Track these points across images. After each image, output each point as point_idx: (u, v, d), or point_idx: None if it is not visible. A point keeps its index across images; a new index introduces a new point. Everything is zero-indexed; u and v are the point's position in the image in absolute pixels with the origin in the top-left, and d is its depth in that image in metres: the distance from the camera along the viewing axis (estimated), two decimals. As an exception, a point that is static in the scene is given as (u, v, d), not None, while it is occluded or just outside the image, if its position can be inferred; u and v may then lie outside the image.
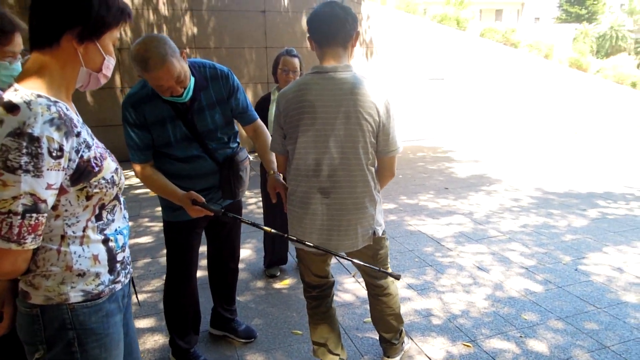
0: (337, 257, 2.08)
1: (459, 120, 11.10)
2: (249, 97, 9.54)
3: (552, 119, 11.94)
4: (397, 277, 2.04)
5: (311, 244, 1.99)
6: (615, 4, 45.93)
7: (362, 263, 2.10)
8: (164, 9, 8.24)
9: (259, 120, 2.49)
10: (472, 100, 11.10)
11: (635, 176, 7.03)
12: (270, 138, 2.40)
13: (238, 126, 2.46)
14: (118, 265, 1.30)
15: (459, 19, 10.96)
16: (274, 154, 2.28)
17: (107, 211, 1.27)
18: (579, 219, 5.00)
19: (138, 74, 2.02)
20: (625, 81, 12.76)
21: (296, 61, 3.36)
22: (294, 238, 2.02)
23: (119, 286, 1.31)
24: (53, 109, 1.08)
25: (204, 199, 2.06)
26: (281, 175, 2.30)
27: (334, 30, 1.93)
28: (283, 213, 2.25)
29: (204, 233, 2.56)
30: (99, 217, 1.25)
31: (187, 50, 8.41)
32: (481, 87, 11.10)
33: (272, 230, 2.03)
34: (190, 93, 2.13)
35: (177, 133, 2.19)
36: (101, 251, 1.25)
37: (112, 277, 1.28)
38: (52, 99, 1.11)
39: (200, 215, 2.10)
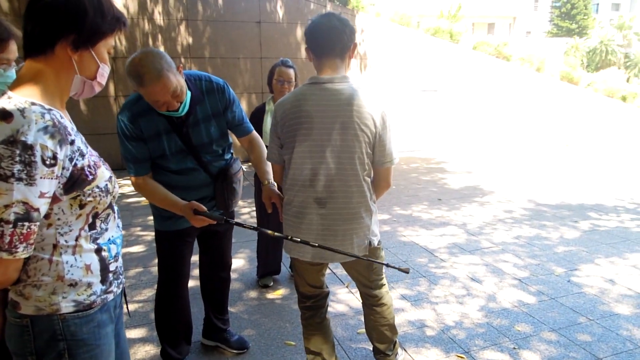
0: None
1: (452, 131, 11.17)
2: (244, 107, 9.52)
3: (544, 131, 12.05)
4: (406, 271, 2.03)
5: (316, 244, 1.97)
6: (604, 19, 46.71)
7: (372, 260, 2.09)
8: (159, 19, 8.27)
9: (255, 132, 2.49)
10: (465, 112, 11.18)
11: (626, 188, 7.09)
12: (265, 149, 2.40)
13: (232, 136, 2.46)
14: (110, 275, 1.29)
15: (452, 31, 11.06)
16: (269, 165, 2.28)
17: (101, 220, 1.26)
18: (571, 230, 5.02)
19: (134, 89, 2.01)
20: (615, 95, 12.92)
21: (291, 72, 3.37)
22: (298, 239, 2.00)
23: (111, 296, 1.29)
24: (47, 116, 1.08)
25: (205, 208, 2.05)
26: (276, 185, 2.30)
27: (332, 41, 1.94)
28: (278, 223, 2.24)
29: (196, 242, 2.55)
30: (92, 226, 1.23)
31: (182, 60, 8.44)
32: (474, 99, 11.20)
33: (275, 233, 2.01)
34: (187, 107, 2.12)
35: (172, 146, 2.18)
36: (94, 261, 1.23)
37: (104, 287, 1.26)
38: (47, 106, 1.10)
39: (204, 225, 2.08)
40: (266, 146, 2.30)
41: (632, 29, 43.65)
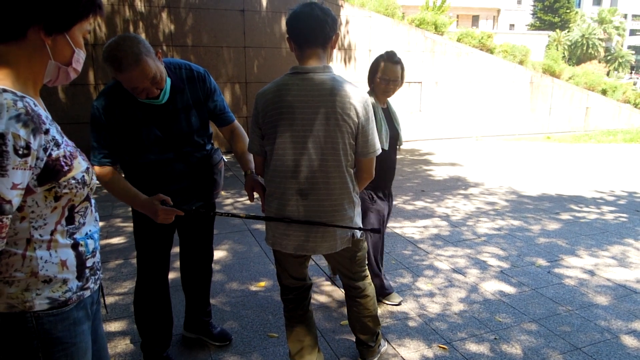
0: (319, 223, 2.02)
1: (436, 123, 11.21)
2: (227, 97, 9.43)
3: (526, 124, 12.18)
4: (378, 231, 2.07)
5: (283, 219, 1.99)
6: (587, 13, 47.30)
7: (341, 225, 2.05)
8: (140, 5, 8.09)
9: (236, 122, 2.46)
10: (449, 103, 11.23)
11: (605, 181, 7.21)
12: (247, 139, 2.37)
13: (213, 127, 2.42)
14: (87, 271, 1.24)
15: (437, 23, 11.05)
16: (252, 155, 2.25)
17: (80, 214, 1.22)
18: (552, 222, 5.09)
19: (112, 76, 1.95)
20: (596, 88, 13.10)
21: (398, 69, 2.91)
22: (272, 217, 2.01)
23: (87, 293, 1.25)
24: (20, 104, 1.03)
25: (171, 201, 2.01)
26: (259, 176, 2.27)
27: (314, 31, 1.92)
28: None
29: (176, 234, 2.51)
30: (70, 220, 1.19)
31: (164, 47, 8.28)
32: (458, 91, 11.24)
33: (250, 214, 2.01)
34: (168, 95, 2.07)
35: (152, 136, 2.13)
36: (70, 256, 1.19)
37: (80, 284, 1.22)
38: (19, 93, 1.06)
39: (168, 218, 2.02)
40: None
41: (612, 23, 44.33)
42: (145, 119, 2.10)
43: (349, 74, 9.69)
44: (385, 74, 2.85)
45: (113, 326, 2.92)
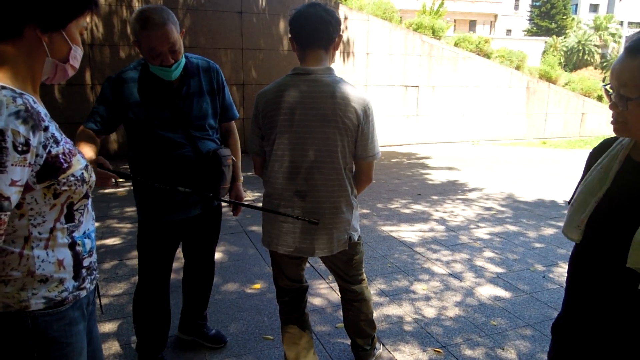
0: (312, 221, 1.98)
1: (433, 127, 11.24)
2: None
3: (521, 128, 12.23)
4: (315, 222, 1.97)
5: (316, 220, 1.96)
6: (584, 19, 47.60)
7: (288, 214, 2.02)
8: (137, 6, 8.08)
9: (234, 123, 2.54)
10: (446, 107, 11.27)
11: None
12: (239, 147, 2.50)
13: None
14: (84, 270, 1.24)
15: (434, 27, 11.09)
16: (239, 160, 2.38)
17: (80, 212, 1.21)
18: (548, 227, 5.11)
19: (133, 38, 2.04)
20: (591, 94, 13.18)
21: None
22: (290, 214, 2.00)
23: (83, 293, 1.24)
24: (19, 101, 1.03)
25: (110, 166, 1.88)
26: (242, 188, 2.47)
27: (317, 32, 1.91)
28: None
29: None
30: (69, 218, 1.18)
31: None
32: (455, 95, 11.29)
33: (251, 204, 2.03)
34: (180, 70, 2.12)
35: (161, 115, 2.16)
36: (67, 256, 1.19)
37: (76, 284, 1.21)
38: (18, 90, 1.05)
39: (103, 181, 1.85)
40: None
41: (608, 30, 44.62)
42: (159, 99, 2.15)
43: (347, 77, 9.69)
44: (611, 75, 1.23)
45: (108, 327, 2.90)
